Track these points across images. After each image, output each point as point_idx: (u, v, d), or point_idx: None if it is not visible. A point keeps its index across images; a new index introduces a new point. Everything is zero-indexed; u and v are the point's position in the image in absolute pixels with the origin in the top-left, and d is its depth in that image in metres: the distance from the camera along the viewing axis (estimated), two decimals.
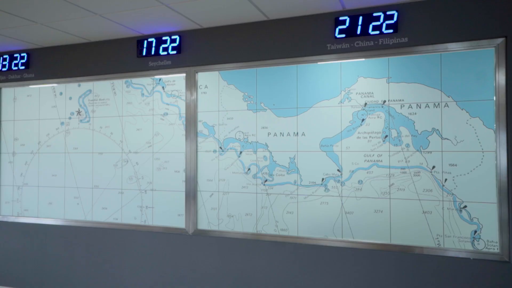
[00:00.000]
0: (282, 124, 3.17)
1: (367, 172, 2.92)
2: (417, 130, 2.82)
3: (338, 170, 3.00)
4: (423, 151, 2.80)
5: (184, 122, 3.46)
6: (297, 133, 3.12)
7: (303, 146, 3.10)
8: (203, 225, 3.38)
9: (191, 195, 3.41)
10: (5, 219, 4.11)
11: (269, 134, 3.20)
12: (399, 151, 2.85)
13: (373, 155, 2.92)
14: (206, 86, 3.42)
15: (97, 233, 3.70)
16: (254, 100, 3.26)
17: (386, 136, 2.89)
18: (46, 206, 3.97)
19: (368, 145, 2.93)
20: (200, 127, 3.43)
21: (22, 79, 4.08)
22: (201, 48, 3.41)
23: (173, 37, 3.47)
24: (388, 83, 2.90)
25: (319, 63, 3.07)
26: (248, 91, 3.28)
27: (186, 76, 3.47)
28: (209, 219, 3.37)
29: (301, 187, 3.09)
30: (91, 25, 3.32)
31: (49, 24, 3.28)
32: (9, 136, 4.17)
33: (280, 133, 3.17)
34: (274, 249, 3.14)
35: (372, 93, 2.93)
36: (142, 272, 3.54)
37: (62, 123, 3.94)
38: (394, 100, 2.88)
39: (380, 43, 2.90)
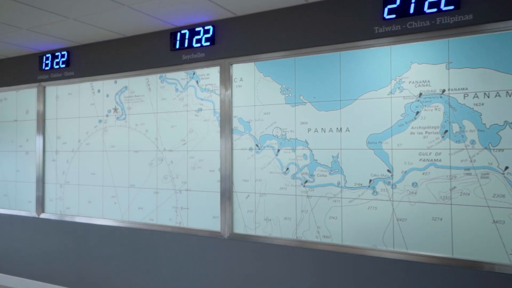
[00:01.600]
0: (323, 119, 2.84)
1: (423, 173, 2.52)
2: (484, 124, 2.37)
3: (388, 170, 2.62)
4: (493, 149, 2.35)
5: (219, 118, 3.25)
6: (341, 129, 2.78)
7: (348, 143, 2.75)
8: (239, 228, 3.15)
9: (226, 196, 3.19)
10: (48, 217, 4.16)
11: (309, 130, 2.89)
12: (462, 149, 2.42)
13: (430, 154, 2.51)
14: (241, 79, 3.18)
15: (133, 233, 3.61)
16: (293, 92, 2.96)
17: (446, 131, 2.46)
18: (86, 204, 3.95)
19: (423, 142, 2.52)
20: (235, 123, 3.19)
21: (63, 78, 4.10)
22: (235, 38, 3.17)
23: (206, 27, 3.26)
24: (448, 69, 2.47)
25: (365, 49, 2.71)
26: (286, 83, 2.99)
27: (220, 69, 3.24)
28: (245, 223, 3.13)
29: (346, 190, 2.75)
30: (123, 18, 3.20)
31: (80, 19, 3.21)
32: (52, 134, 4.21)
33: (322, 129, 2.85)
34: (315, 258, 2.83)
35: (429, 81, 2.52)
36: (176, 276, 3.39)
37: (100, 121, 3.90)
38: (455, 89, 2.45)
39: (438, 23, 2.48)
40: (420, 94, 2.54)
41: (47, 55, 4.17)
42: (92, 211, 3.90)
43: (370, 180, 2.67)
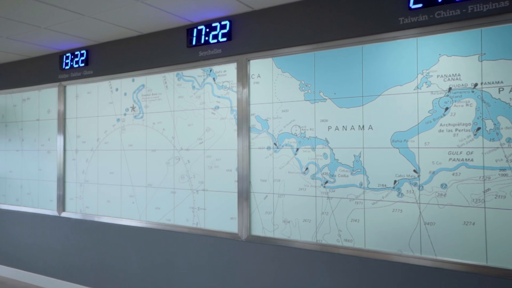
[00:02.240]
0: (344, 116, 2.69)
1: (453, 174, 2.34)
2: None
3: (414, 170, 2.45)
4: None
5: (236, 116, 3.15)
6: (363, 127, 2.63)
7: (371, 142, 2.60)
8: (257, 230, 3.04)
9: (244, 196, 3.08)
10: (69, 216, 4.18)
11: (329, 128, 2.75)
12: (497, 148, 2.23)
13: (460, 153, 2.32)
14: (258, 76, 3.06)
15: (151, 234, 3.56)
16: (312, 89, 2.82)
17: (479, 128, 2.27)
18: (104, 204, 3.94)
19: (453, 140, 2.34)
20: (252, 121, 3.08)
21: (82, 77, 4.10)
22: (252, 33, 3.05)
23: (223, 23, 3.16)
24: (481, 61, 2.28)
25: (389, 41, 2.54)
26: (305, 79, 2.85)
27: (237, 65, 3.14)
28: (263, 224, 3.01)
29: (369, 191, 2.60)
30: (138, 15, 3.15)
31: (96, 16, 3.17)
32: (73, 133, 4.22)
33: (343, 126, 2.70)
34: (337, 263, 2.69)
35: (459, 74, 2.33)
36: (193, 277, 3.31)
37: (118, 120, 3.87)
38: (489, 83, 2.26)
39: (469, 11, 2.29)
40: (450, 88, 2.35)
41: (67, 54, 4.18)
42: (111, 211, 3.88)
43: (395, 181, 2.51)
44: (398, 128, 2.51)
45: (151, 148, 3.63)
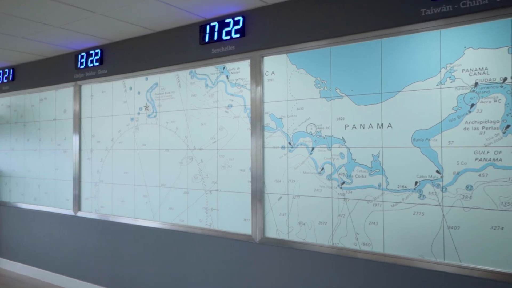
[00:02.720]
0: (362, 113, 2.56)
1: (480, 175, 2.18)
2: None
3: (437, 171, 2.30)
4: None
5: (250, 115, 3.06)
6: (382, 125, 2.49)
7: (390, 141, 2.46)
8: (271, 232, 2.94)
9: (258, 197, 2.99)
10: (84, 215, 4.18)
11: (346, 126, 2.63)
12: None
13: (488, 152, 2.16)
14: (272, 72, 2.96)
15: (164, 234, 3.51)
16: (328, 85, 2.71)
17: (508, 126, 2.11)
18: (119, 203, 3.91)
19: (480, 139, 2.18)
20: (266, 119, 2.98)
21: (96, 76, 4.09)
22: (266, 29, 2.96)
23: (236, 18, 3.07)
24: (511, 53, 2.12)
25: (410, 34, 2.40)
26: (320, 75, 2.74)
27: (250, 62, 3.05)
28: (278, 226, 2.91)
29: (388, 192, 2.46)
30: (150, 12, 3.10)
31: (107, 14, 3.14)
32: (88, 133, 4.22)
33: (360, 125, 2.57)
34: (354, 267, 2.56)
35: (486, 68, 2.18)
36: (206, 279, 3.24)
37: (132, 119, 3.84)
38: None
39: (498, 0, 2.13)
40: (476, 83, 2.20)
41: (82, 54, 4.18)
42: (125, 211, 3.85)
43: (416, 182, 2.37)
44: (419, 126, 2.36)
45: (164, 148, 3.58)
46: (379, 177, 2.50)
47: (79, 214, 4.23)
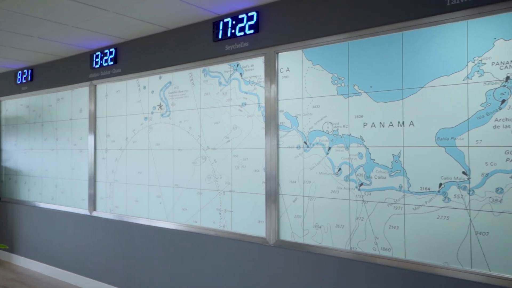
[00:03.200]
0: (382, 111, 2.42)
1: (511, 177, 2.01)
2: None
3: (463, 172, 2.14)
4: None
5: (264, 113, 2.95)
6: (403, 123, 2.35)
7: (412, 140, 2.31)
8: (285, 235, 2.83)
9: (272, 198, 2.88)
10: (99, 215, 4.16)
11: (365, 124, 2.49)
12: None
13: None
14: (287, 69, 2.85)
15: (178, 235, 3.44)
16: (346, 82, 2.57)
17: None
18: (133, 204, 3.87)
19: (511, 138, 2.02)
20: (281, 118, 2.87)
21: (111, 75, 4.06)
22: (281, 24, 2.85)
23: (250, 14, 2.98)
24: None
25: (434, 26, 2.25)
26: (337, 71, 2.61)
27: (265, 59, 2.94)
28: (293, 229, 2.80)
29: (409, 195, 2.32)
30: (162, 9, 3.03)
31: (120, 11, 3.09)
32: (103, 132, 4.20)
33: (380, 123, 2.43)
34: (372, 273, 2.43)
35: None
36: (219, 282, 3.15)
37: (145, 118, 3.79)
38: None
39: None
40: (508, 77, 2.03)
41: (97, 53, 4.16)
42: (139, 211, 3.81)
43: (440, 184, 2.21)
44: (444, 124, 2.21)
45: (178, 147, 3.51)
46: (400, 179, 2.35)
47: (94, 214, 4.21)
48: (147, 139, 3.76)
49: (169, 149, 3.58)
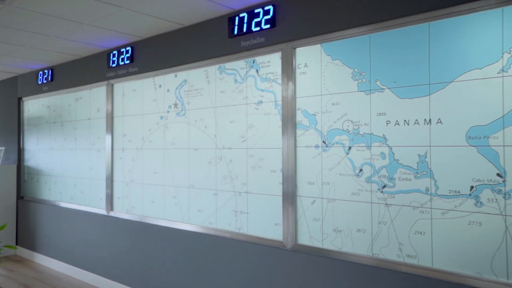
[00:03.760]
0: (407, 108, 2.26)
1: None
2: None
3: (498, 174, 1.96)
4: None
5: (281, 111, 2.82)
6: (430, 121, 2.17)
7: (440, 139, 2.14)
8: (303, 239, 2.70)
9: (289, 200, 2.75)
10: (116, 215, 4.13)
11: (388, 122, 2.33)
12: None
13: None
14: (305, 65, 2.71)
15: (193, 237, 3.36)
16: (367, 77, 2.42)
17: None
18: (149, 204, 3.82)
19: None
20: (299, 116, 2.74)
21: (127, 74, 4.02)
22: (298, 17, 2.71)
23: (266, 8, 2.85)
24: None
25: (464, 15, 2.07)
26: (358, 66, 2.46)
27: (282, 54, 2.82)
28: (311, 233, 2.66)
29: (437, 198, 2.14)
30: (177, 5, 2.95)
31: (134, 8, 3.02)
32: (119, 132, 4.17)
33: (404, 121, 2.26)
34: (397, 282, 2.26)
35: None
36: (234, 286, 3.05)
37: (161, 117, 3.73)
38: None
39: None
40: None
41: (114, 52, 4.13)
42: (155, 211, 3.75)
43: (472, 187, 2.03)
44: (476, 122, 2.03)
45: (193, 147, 3.43)
46: (426, 181, 2.18)
47: (112, 214, 4.19)
48: (163, 138, 3.70)
49: (184, 148, 3.50)
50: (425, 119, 2.19)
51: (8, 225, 5.53)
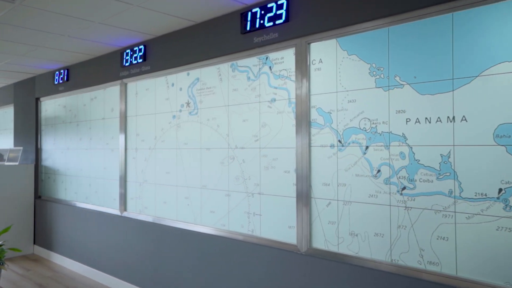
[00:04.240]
0: (428, 105, 2.12)
1: None
2: None
3: None
4: None
5: (294, 110, 2.71)
6: (454, 118, 2.03)
7: (464, 138, 1.99)
8: (318, 243, 2.58)
9: (303, 202, 2.64)
10: (129, 216, 4.10)
11: (408, 120, 2.19)
12: None
13: None
14: (320, 61, 2.60)
15: (205, 239, 3.28)
16: (385, 72, 2.28)
17: None
18: (161, 205, 3.76)
19: None
20: (313, 114, 2.62)
21: (140, 73, 3.98)
22: (313, 11, 2.60)
23: (279, 2, 2.75)
24: None
25: (491, 4, 1.92)
26: (376, 61, 2.33)
27: (295, 50, 2.71)
28: (326, 236, 2.54)
29: (462, 201, 2.00)
30: (189, 1, 2.87)
31: (144, 5, 2.96)
32: (133, 131, 4.13)
33: (426, 118, 2.12)
34: None
35: None
36: None
37: (173, 117, 3.67)
38: None
39: None
40: None
41: (127, 51, 4.10)
42: (167, 212, 3.69)
43: (500, 190, 1.88)
44: (504, 119, 1.87)
45: (206, 147, 3.35)
46: (450, 182, 2.03)
47: (125, 214, 4.16)
48: (175, 138, 3.63)
49: (197, 148, 3.43)
50: (448, 117, 2.05)
51: (26, 224, 5.59)
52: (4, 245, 3.24)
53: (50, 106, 5.55)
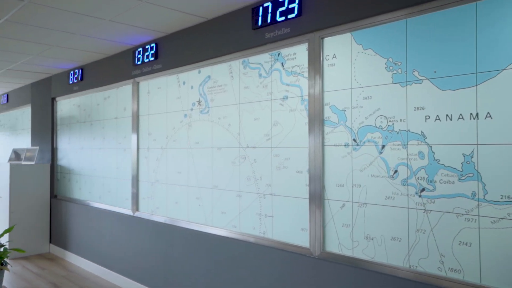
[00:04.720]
0: (449, 101, 1.98)
1: None
2: None
3: None
4: None
5: (307, 107, 2.61)
6: (477, 115, 1.89)
7: (489, 136, 1.85)
8: (332, 246, 2.47)
9: (316, 204, 2.53)
10: (141, 216, 4.06)
11: (427, 118, 2.06)
12: None
13: None
14: (334, 56, 2.48)
15: (216, 240, 3.20)
16: (403, 67, 2.16)
17: None
18: (173, 205, 3.71)
19: None
20: (327, 112, 2.51)
21: (152, 71, 3.94)
22: (326, 4, 2.49)
23: None
24: None
25: None
26: (393, 55, 2.20)
27: (308, 45, 2.60)
28: (340, 240, 2.43)
29: (486, 204, 1.86)
30: None
31: (153, 2, 2.91)
32: (145, 131, 4.09)
33: (447, 115, 1.99)
34: None
35: None
36: None
37: (185, 115, 3.60)
38: None
39: None
40: None
41: (139, 49, 4.07)
42: (178, 213, 3.63)
43: None
44: None
45: (217, 146, 3.27)
46: (473, 184, 1.90)
47: (137, 214, 4.12)
48: (187, 137, 3.57)
49: (208, 148, 3.36)
50: (471, 114, 1.91)
51: (42, 223, 5.64)
52: (11, 244, 3.22)
53: (65, 105, 5.58)
